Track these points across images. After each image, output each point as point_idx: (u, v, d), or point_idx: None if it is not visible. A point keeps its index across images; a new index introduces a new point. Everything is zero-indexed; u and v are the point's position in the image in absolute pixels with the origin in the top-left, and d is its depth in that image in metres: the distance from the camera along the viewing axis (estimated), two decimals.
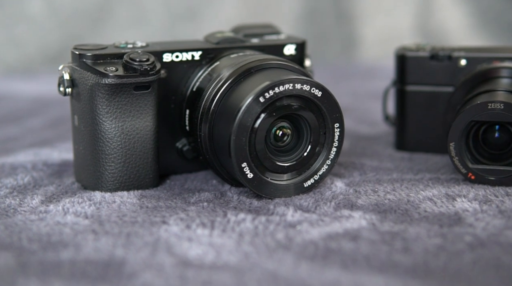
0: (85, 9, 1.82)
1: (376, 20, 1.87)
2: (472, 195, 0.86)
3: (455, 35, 1.88)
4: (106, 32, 1.83)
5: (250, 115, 0.83)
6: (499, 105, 0.87)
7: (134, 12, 1.85)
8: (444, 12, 1.88)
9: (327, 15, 1.87)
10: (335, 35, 1.87)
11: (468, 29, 1.88)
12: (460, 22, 1.88)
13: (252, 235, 0.77)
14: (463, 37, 1.88)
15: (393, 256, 0.72)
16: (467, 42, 1.87)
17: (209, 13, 1.85)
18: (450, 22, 1.88)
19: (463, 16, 1.88)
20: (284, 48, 0.98)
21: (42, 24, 1.79)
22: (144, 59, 0.89)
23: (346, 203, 0.85)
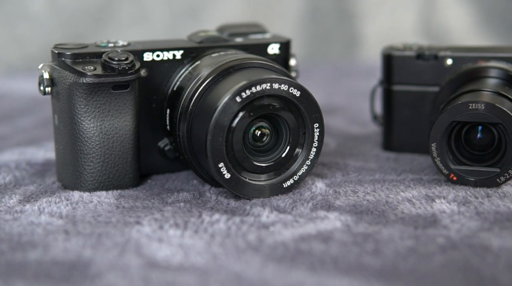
0: (87, 8, 1.82)
1: (378, 19, 1.86)
2: (452, 196, 0.85)
3: (459, 34, 1.86)
4: (108, 31, 1.83)
5: (227, 115, 0.83)
6: (480, 106, 0.86)
7: (135, 11, 1.85)
8: (447, 11, 1.87)
9: (329, 14, 1.86)
10: (337, 34, 1.86)
11: (472, 28, 1.86)
12: (464, 21, 1.86)
13: (224, 236, 0.76)
14: (466, 37, 1.86)
15: (362, 258, 0.71)
16: (470, 41, 1.85)
17: (211, 12, 1.84)
18: (453, 21, 1.86)
19: (466, 15, 1.86)
20: (268, 47, 0.98)
21: (44, 23, 1.79)
22: (123, 59, 0.88)
23: (324, 204, 0.84)
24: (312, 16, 1.86)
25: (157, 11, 1.85)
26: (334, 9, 1.86)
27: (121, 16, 1.83)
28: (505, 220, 0.78)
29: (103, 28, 1.83)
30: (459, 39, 1.86)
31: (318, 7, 1.86)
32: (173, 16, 1.83)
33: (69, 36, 1.76)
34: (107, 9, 1.82)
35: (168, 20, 1.84)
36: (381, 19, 1.86)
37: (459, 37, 1.86)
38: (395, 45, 1.03)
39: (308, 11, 1.86)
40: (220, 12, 1.85)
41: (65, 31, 1.81)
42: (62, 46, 0.91)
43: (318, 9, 1.87)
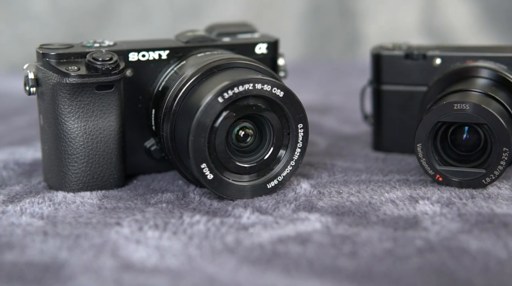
0: (89, 7, 1.82)
1: (379, 18, 1.85)
2: (436, 197, 0.84)
3: (461, 33, 1.85)
4: (110, 30, 1.83)
5: (209, 116, 0.83)
6: (465, 106, 0.86)
7: (137, 10, 1.85)
8: (450, 9, 1.85)
9: (331, 13, 1.85)
10: (339, 32, 1.85)
11: (475, 27, 1.85)
12: (467, 20, 1.85)
13: (202, 237, 0.76)
14: (469, 35, 1.85)
15: (338, 260, 0.70)
16: (473, 40, 1.84)
17: (212, 10, 1.84)
18: (456, 19, 1.85)
19: (469, 13, 1.85)
20: (255, 47, 0.97)
21: (46, 22, 1.79)
22: (107, 59, 0.88)
23: (307, 205, 0.84)
24: (313, 14, 1.86)
25: (158, 10, 1.85)
26: (336, 7, 1.85)
27: (122, 15, 1.83)
28: (486, 222, 0.77)
29: (104, 27, 1.83)
30: (462, 38, 1.84)
31: (320, 6, 1.86)
32: (175, 15, 1.83)
33: (71, 35, 1.76)
34: (109, 9, 1.82)
35: (170, 19, 1.84)
36: (383, 18, 1.85)
37: (461, 36, 1.85)
38: (385, 45, 1.02)
39: (309, 9, 1.86)
40: (221, 11, 1.84)
41: (66, 30, 1.81)
42: (47, 46, 0.91)
43: (319, 7, 1.86)
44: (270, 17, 1.86)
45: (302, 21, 1.85)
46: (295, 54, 1.88)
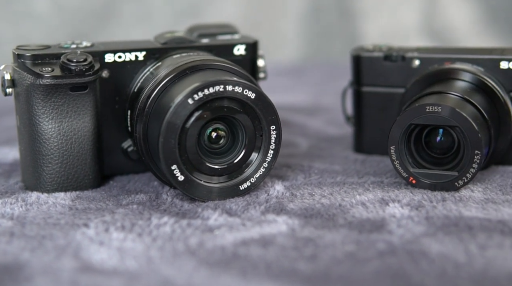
0: (90, 7, 1.83)
1: (379, 18, 1.85)
2: (407, 200, 0.84)
3: (462, 33, 1.84)
4: (112, 29, 1.84)
5: (180, 117, 0.83)
6: (437, 109, 0.85)
7: (139, 10, 1.85)
8: (451, 9, 1.84)
9: (330, 13, 1.85)
10: (339, 32, 1.85)
11: (476, 27, 1.84)
12: (468, 20, 1.84)
13: (166, 239, 0.76)
14: (470, 36, 1.84)
15: (297, 263, 0.70)
16: (474, 41, 1.82)
17: (212, 10, 1.84)
18: (457, 20, 1.84)
19: (470, 14, 1.84)
20: (233, 48, 0.97)
21: (48, 22, 1.80)
22: (81, 60, 0.89)
23: (277, 207, 0.84)
24: (313, 14, 1.85)
25: (160, 10, 1.85)
26: (336, 7, 1.85)
27: (124, 15, 1.84)
28: (452, 225, 0.77)
29: (106, 27, 1.84)
30: (463, 38, 1.83)
31: (320, 6, 1.85)
32: (176, 15, 1.83)
33: (73, 35, 1.76)
34: (111, 8, 1.83)
35: (171, 19, 1.84)
36: (383, 18, 1.84)
37: (462, 36, 1.84)
38: (365, 46, 1.02)
39: (309, 9, 1.85)
40: (221, 11, 1.84)
41: (68, 30, 1.82)
42: (23, 47, 0.91)
43: (319, 7, 1.85)
44: (269, 17, 1.86)
45: (302, 21, 1.84)
46: (295, 54, 1.87)
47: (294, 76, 1.64)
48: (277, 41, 1.90)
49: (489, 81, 0.91)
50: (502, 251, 0.71)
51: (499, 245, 0.72)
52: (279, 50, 1.89)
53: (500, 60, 0.93)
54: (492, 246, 0.72)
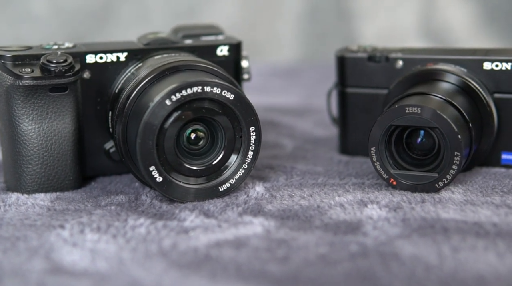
0: (89, 8, 1.83)
1: (377, 19, 1.84)
2: (385, 201, 0.83)
3: (460, 34, 1.83)
4: (110, 30, 1.84)
5: (157, 118, 0.82)
6: (417, 110, 0.85)
7: (137, 11, 1.85)
8: (448, 11, 1.83)
9: (327, 14, 1.84)
10: (336, 34, 1.84)
11: (474, 29, 1.83)
12: (466, 21, 1.83)
13: (140, 240, 0.76)
14: (468, 37, 1.83)
15: (268, 265, 0.70)
16: (473, 42, 1.81)
17: (210, 11, 1.84)
18: (455, 21, 1.83)
19: (468, 14, 1.83)
20: (216, 49, 0.97)
21: (46, 24, 1.80)
22: (61, 61, 0.89)
23: (255, 208, 0.83)
24: (310, 15, 1.85)
25: (158, 11, 1.85)
26: (333, 8, 1.84)
27: (122, 16, 1.84)
28: (428, 227, 0.76)
29: (104, 28, 1.84)
30: (461, 39, 1.82)
31: (317, 6, 1.85)
32: (174, 16, 1.83)
33: (71, 36, 1.77)
34: (109, 9, 1.83)
35: (169, 20, 1.84)
36: (380, 19, 1.84)
37: (460, 37, 1.83)
38: (350, 47, 1.01)
39: (306, 10, 1.85)
40: (219, 11, 1.84)
41: (67, 31, 1.82)
42: (4, 48, 0.91)
43: (316, 8, 1.85)
44: (267, 18, 1.86)
45: (299, 22, 1.84)
46: (292, 55, 1.87)
47: (289, 77, 1.63)
48: (274, 42, 1.90)
49: (471, 82, 0.91)
50: (474, 253, 0.70)
51: (472, 247, 0.72)
52: (276, 51, 1.89)
53: (483, 61, 0.93)
54: (464, 248, 0.71)
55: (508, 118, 0.92)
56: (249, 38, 1.86)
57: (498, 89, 0.92)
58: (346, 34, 1.86)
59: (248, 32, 1.86)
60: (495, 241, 0.73)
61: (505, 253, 0.70)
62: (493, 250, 0.71)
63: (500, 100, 0.92)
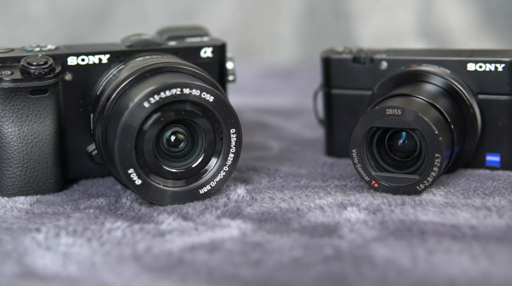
0: (86, 9, 1.83)
1: (375, 19, 1.83)
2: (366, 204, 0.83)
3: (459, 35, 1.82)
4: (108, 32, 1.83)
5: (135, 120, 0.82)
6: (397, 111, 0.84)
7: (135, 13, 1.85)
8: (447, 11, 1.82)
9: (325, 14, 1.83)
10: (334, 34, 1.83)
11: (473, 28, 1.82)
12: (465, 21, 1.81)
13: (114, 244, 0.75)
14: (467, 37, 1.81)
15: (240, 269, 0.69)
16: (471, 42, 1.80)
17: (207, 12, 1.84)
18: (453, 21, 1.82)
19: (467, 14, 1.82)
20: (200, 51, 0.96)
21: (44, 25, 1.80)
22: (41, 63, 0.88)
23: (234, 211, 0.83)
24: (308, 16, 1.84)
25: (155, 12, 1.85)
26: (331, 8, 1.83)
27: (120, 17, 1.84)
28: (405, 229, 0.76)
29: (102, 29, 1.84)
30: (459, 40, 1.81)
31: (315, 7, 1.84)
32: (171, 17, 1.83)
33: (69, 38, 1.77)
34: (106, 11, 1.83)
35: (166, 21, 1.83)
36: (378, 19, 1.83)
37: (459, 38, 1.81)
38: (335, 48, 1.01)
39: (304, 10, 1.84)
40: (216, 12, 1.84)
41: (64, 32, 1.82)
42: None
43: (315, 8, 1.84)
44: (264, 18, 1.85)
45: (297, 23, 1.83)
46: (289, 56, 1.86)
47: (284, 78, 1.63)
48: (272, 43, 1.89)
49: (454, 84, 0.90)
50: (448, 256, 0.70)
51: (447, 250, 0.71)
52: (274, 51, 1.89)
53: (467, 62, 0.92)
54: (439, 251, 0.71)
55: (492, 119, 0.92)
56: (247, 39, 1.86)
57: (482, 91, 0.91)
58: (344, 35, 1.85)
59: (245, 33, 1.86)
60: (470, 244, 0.72)
61: (479, 256, 0.69)
62: (467, 253, 0.70)
63: (484, 101, 0.92)
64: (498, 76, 0.91)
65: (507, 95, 0.91)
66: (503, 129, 0.92)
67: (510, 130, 0.92)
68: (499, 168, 0.93)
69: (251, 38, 1.87)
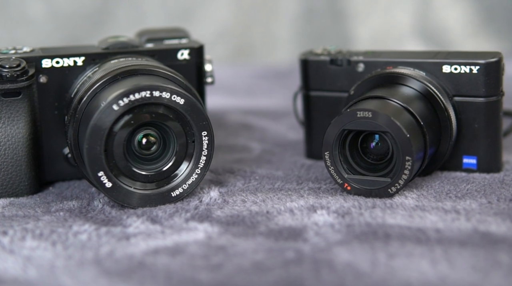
0: (84, 11, 1.83)
1: (372, 20, 1.82)
2: (336, 207, 0.82)
3: (457, 35, 1.81)
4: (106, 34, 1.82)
5: (104, 123, 0.82)
6: (367, 114, 0.83)
7: (133, 14, 1.85)
8: (445, 11, 1.81)
9: (323, 15, 1.83)
10: (331, 35, 1.83)
11: (471, 29, 1.81)
12: (463, 22, 1.80)
13: (78, 248, 0.75)
14: (466, 38, 1.80)
15: (199, 273, 0.69)
16: (470, 43, 1.79)
17: (205, 14, 1.84)
18: (451, 21, 1.81)
19: (466, 15, 1.81)
20: (177, 53, 0.96)
21: (42, 27, 1.81)
22: (14, 66, 0.88)
23: (203, 214, 0.82)
24: (306, 16, 1.83)
25: (153, 14, 1.85)
26: (328, 10, 1.83)
27: (118, 19, 1.84)
28: (371, 233, 0.75)
29: (100, 31, 1.83)
30: (458, 40, 1.80)
31: (313, 8, 1.83)
32: (169, 18, 1.83)
33: (67, 39, 1.77)
34: (104, 12, 1.83)
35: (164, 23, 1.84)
36: (375, 20, 1.82)
37: (457, 38, 1.80)
38: (314, 50, 1.00)
39: (302, 11, 1.83)
40: (214, 14, 1.84)
41: (62, 34, 1.82)
42: None
43: (312, 10, 1.84)
44: (262, 19, 1.85)
45: (294, 24, 1.83)
46: (287, 57, 1.86)
47: (278, 79, 1.62)
48: (270, 44, 1.89)
49: (429, 86, 0.89)
50: (408, 260, 0.69)
51: (408, 254, 0.70)
52: (272, 53, 1.88)
53: (442, 64, 0.91)
54: (400, 255, 0.70)
55: (468, 122, 0.91)
56: (244, 39, 1.86)
57: (458, 93, 0.91)
58: (341, 36, 1.84)
59: (243, 34, 1.85)
60: (433, 248, 0.71)
61: (440, 260, 0.68)
62: (428, 257, 0.69)
63: (460, 103, 0.91)
64: (473, 78, 0.90)
65: (482, 98, 0.90)
66: (479, 132, 0.91)
67: (486, 132, 0.91)
68: (475, 170, 0.92)
69: (249, 39, 1.87)
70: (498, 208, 0.81)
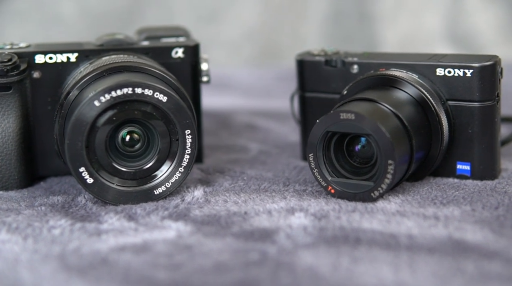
0: (115, 11, 1.85)
1: (400, 23, 1.79)
2: (315, 209, 0.81)
3: (488, 40, 1.77)
4: None
5: (86, 119, 0.82)
6: (350, 116, 0.82)
7: (162, 14, 1.86)
8: (476, 14, 1.77)
9: (351, 17, 1.81)
10: (359, 37, 1.80)
11: (503, 33, 1.77)
12: (494, 26, 1.77)
13: (48, 242, 0.75)
14: (496, 43, 1.76)
15: (158, 272, 0.68)
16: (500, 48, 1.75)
17: (233, 15, 1.83)
18: (482, 24, 1.77)
19: (497, 18, 1.77)
20: (171, 51, 0.96)
21: (74, 26, 1.82)
22: (5, 60, 0.89)
23: (182, 213, 0.82)
24: (334, 18, 1.82)
25: (182, 15, 1.85)
26: (356, 11, 1.81)
27: (148, 19, 1.84)
28: (341, 237, 0.74)
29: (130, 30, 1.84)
30: (489, 45, 1.76)
31: (340, 10, 1.81)
32: (198, 19, 1.83)
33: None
34: (135, 13, 1.84)
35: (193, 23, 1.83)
36: (403, 23, 1.79)
37: (489, 43, 1.77)
38: (312, 51, 0.99)
39: (330, 13, 1.82)
40: (242, 14, 1.83)
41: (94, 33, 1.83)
42: None
43: (341, 11, 1.82)
44: (289, 21, 1.84)
45: (322, 26, 1.81)
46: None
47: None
48: (297, 46, 1.87)
49: (420, 89, 0.87)
50: (371, 265, 0.68)
51: (372, 259, 0.69)
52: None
53: (436, 67, 0.89)
54: (364, 260, 0.69)
55: (462, 127, 0.88)
56: (272, 41, 1.85)
57: (452, 97, 0.89)
58: (369, 39, 1.82)
59: (270, 35, 1.84)
60: (399, 254, 0.69)
61: (402, 267, 0.67)
62: (391, 263, 0.68)
63: (454, 108, 0.88)
64: (467, 82, 0.88)
65: (476, 102, 0.88)
66: (473, 137, 0.89)
67: (480, 138, 0.88)
68: (469, 177, 0.90)
69: (276, 40, 1.86)
70: (481, 216, 0.78)
